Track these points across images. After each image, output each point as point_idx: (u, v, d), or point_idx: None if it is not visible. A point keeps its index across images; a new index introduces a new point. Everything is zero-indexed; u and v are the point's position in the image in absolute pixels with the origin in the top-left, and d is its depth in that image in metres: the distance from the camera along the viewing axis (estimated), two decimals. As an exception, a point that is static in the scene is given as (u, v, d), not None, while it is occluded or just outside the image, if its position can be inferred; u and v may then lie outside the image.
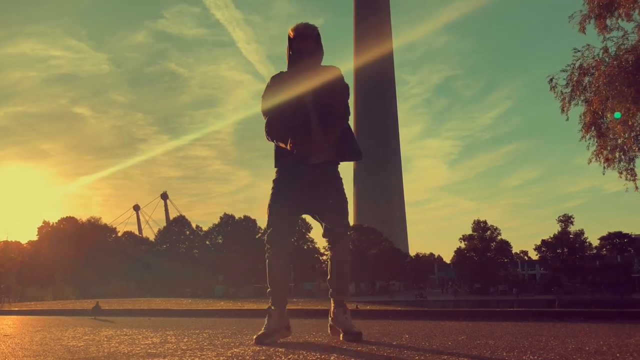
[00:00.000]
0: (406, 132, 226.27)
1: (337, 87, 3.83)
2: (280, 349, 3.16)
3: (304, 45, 3.78)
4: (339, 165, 3.91)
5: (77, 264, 72.97)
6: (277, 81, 3.83)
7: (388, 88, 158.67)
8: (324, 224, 3.83)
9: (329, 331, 3.91)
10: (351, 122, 3.93)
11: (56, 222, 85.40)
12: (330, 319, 3.87)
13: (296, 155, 3.66)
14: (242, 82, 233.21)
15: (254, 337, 3.62)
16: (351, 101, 3.99)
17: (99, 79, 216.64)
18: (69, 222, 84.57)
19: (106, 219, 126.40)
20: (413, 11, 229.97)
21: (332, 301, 3.85)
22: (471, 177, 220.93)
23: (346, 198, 3.85)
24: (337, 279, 3.82)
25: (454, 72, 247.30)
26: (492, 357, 2.73)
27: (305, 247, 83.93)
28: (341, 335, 3.68)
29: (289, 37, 3.81)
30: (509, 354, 2.87)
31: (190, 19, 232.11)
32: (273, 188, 3.81)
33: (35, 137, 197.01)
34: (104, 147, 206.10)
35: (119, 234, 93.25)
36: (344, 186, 3.91)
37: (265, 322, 3.68)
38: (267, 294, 3.77)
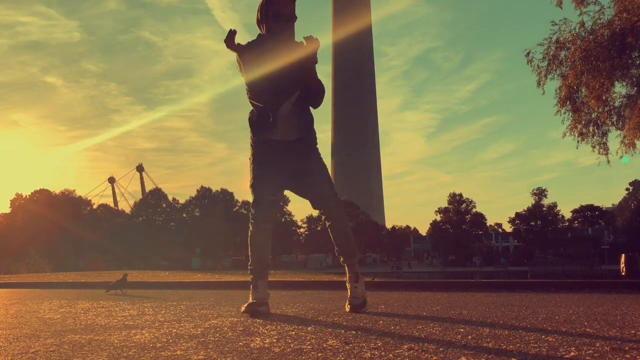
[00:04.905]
0: (384, 105, 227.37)
1: (310, 62, 3.61)
2: (258, 320, 3.19)
3: (286, 8, 3.51)
4: (316, 141, 3.82)
5: (52, 236, 72.21)
6: (254, 50, 3.57)
7: (367, 60, 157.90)
8: (310, 196, 3.77)
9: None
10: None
11: (29, 195, 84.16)
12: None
13: (271, 125, 3.58)
14: (218, 51, 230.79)
15: (244, 305, 3.56)
16: (329, 74, 3.92)
17: (70, 47, 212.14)
18: (42, 194, 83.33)
19: (81, 192, 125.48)
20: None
21: (347, 269, 3.82)
22: (448, 150, 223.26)
23: (326, 166, 3.83)
24: (343, 245, 3.78)
25: (433, 44, 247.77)
26: (465, 327, 2.79)
27: (282, 220, 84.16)
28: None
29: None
30: (482, 323, 2.94)
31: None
32: (253, 164, 3.70)
33: (4, 106, 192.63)
34: (77, 118, 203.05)
35: (94, 207, 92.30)
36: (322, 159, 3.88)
37: (252, 293, 3.64)
38: (249, 268, 3.72)
